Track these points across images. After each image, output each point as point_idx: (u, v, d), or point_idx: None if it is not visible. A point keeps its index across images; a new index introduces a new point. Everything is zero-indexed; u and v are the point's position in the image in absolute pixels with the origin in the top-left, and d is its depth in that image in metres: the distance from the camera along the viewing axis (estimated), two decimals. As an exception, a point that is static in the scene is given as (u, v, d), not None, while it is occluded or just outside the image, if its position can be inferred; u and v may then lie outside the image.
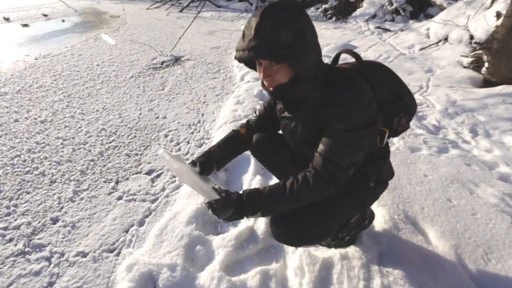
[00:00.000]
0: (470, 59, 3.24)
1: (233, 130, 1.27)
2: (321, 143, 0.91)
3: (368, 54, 4.20)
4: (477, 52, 3.18)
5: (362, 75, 0.96)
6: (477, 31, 3.35)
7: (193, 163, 1.13)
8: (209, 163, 1.15)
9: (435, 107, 2.56)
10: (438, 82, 3.01)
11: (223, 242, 1.33)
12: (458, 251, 1.25)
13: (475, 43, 3.27)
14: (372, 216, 1.33)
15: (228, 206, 0.91)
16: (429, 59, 3.70)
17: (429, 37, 4.39)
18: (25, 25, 7.01)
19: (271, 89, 0.92)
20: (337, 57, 1.08)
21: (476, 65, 3.16)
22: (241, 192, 0.95)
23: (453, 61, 3.44)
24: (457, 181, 1.66)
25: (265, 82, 0.91)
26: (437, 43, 4.05)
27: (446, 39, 3.97)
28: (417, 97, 2.79)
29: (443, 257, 1.23)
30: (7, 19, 7.83)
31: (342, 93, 0.88)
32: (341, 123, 0.88)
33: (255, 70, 0.96)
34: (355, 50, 4.42)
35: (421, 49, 4.10)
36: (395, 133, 1.06)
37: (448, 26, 3.91)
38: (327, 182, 0.89)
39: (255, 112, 1.29)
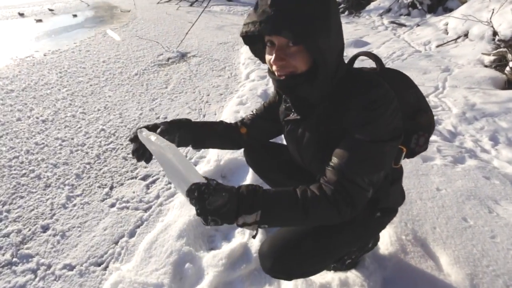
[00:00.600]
0: (492, 58, 3.00)
1: (235, 123, 1.12)
2: (335, 155, 0.74)
3: (380, 51, 3.98)
4: (500, 50, 2.94)
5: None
6: (502, 26, 3.09)
7: (168, 124, 0.93)
8: (187, 134, 0.97)
9: (451, 110, 2.37)
10: (456, 83, 2.80)
11: (213, 261, 1.24)
12: (474, 281, 1.12)
13: (499, 40, 3.02)
14: (377, 238, 1.21)
15: (222, 190, 0.65)
16: (447, 57, 3.46)
17: (447, 33, 4.12)
18: (39, 20, 7.10)
19: (282, 77, 0.74)
20: (352, 60, 0.95)
21: (499, 64, 2.92)
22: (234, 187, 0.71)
23: (473, 59, 3.20)
24: (474, 197, 1.50)
25: (275, 68, 0.73)
26: (456, 39, 3.79)
27: (466, 35, 3.70)
28: (432, 98, 2.60)
29: (456, 287, 1.10)
30: (21, 14, 7.96)
31: (366, 94, 0.73)
32: (362, 132, 0.72)
33: (261, 59, 0.82)
34: (367, 47, 4.24)
35: (438, 46, 3.85)
36: (412, 153, 0.91)
37: (468, 21, 3.64)
38: (345, 203, 0.71)
39: (252, 111, 1.13)
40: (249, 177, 1.75)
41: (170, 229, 1.42)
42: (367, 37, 4.72)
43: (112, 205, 1.67)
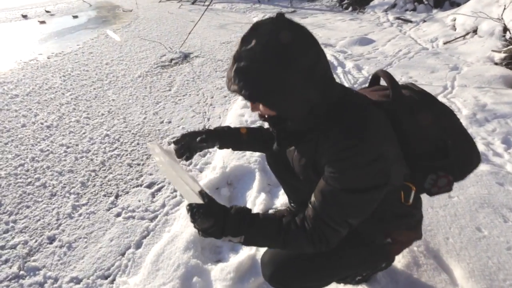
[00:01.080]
0: (503, 55, 2.92)
1: (260, 126, 1.21)
2: (315, 193, 0.76)
3: (386, 49, 3.91)
4: (511, 46, 2.86)
5: (392, 115, 0.78)
6: (513, 22, 3.00)
7: (200, 133, 1.07)
8: (216, 136, 1.08)
9: (461, 111, 2.32)
10: (465, 82, 2.73)
11: (221, 274, 1.22)
12: (490, 296, 1.08)
13: (510, 37, 2.94)
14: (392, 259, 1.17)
15: (209, 216, 0.73)
16: (455, 55, 3.38)
17: (455, 29, 4.02)
18: (42, 22, 7.09)
19: (262, 118, 0.79)
20: (372, 80, 0.91)
21: (510, 61, 2.84)
22: (231, 206, 0.80)
23: (482, 56, 3.12)
24: (488, 205, 1.46)
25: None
26: (464, 35, 3.70)
27: (475, 31, 3.61)
28: (441, 99, 2.54)
29: (471, 303, 1.07)
30: (24, 16, 7.97)
31: (338, 143, 0.71)
32: (333, 180, 0.72)
33: None
34: (372, 45, 4.16)
35: (445, 43, 3.76)
36: (428, 193, 0.83)
37: (477, 16, 3.55)
38: (319, 240, 0.75)
39: None
40: (256, 185, 1.73)
41: (177, 240, 1.41)
42: (372, 34, 4.64)
43: (118, 215, 1.66)
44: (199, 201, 0.74)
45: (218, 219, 0.73)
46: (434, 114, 0.81)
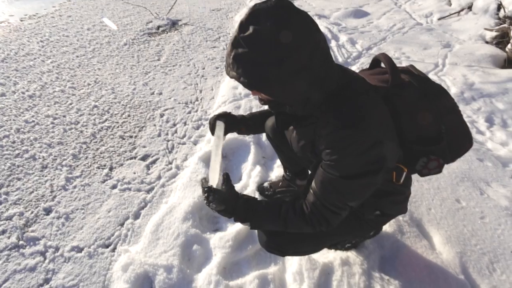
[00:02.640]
0: (494, 34, 2.95)
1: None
2: (315, 180, 0.81)
3: (381, 23, 3.84)
4: (503, 26, 2.88)
5: (389, 100, 0.80)
6: (508, 0, 3.00)
7: (223, 115, 1.11)
8: (237, 124, 1.14)
9: (450, 90, 2.38)
10: (456, 60, 2.77)
11: (220, 243, 1.29)
12: (463, 259, 1.21)
13: (504, 16, 2.95)
14: (379, 228, 1.26)
15: (222, 202, 0.85)
16: (448, 31, 3.39)
17: (450, 4, 3.98)
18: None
19: (262, 102, 0.83)
20: (373, 63, 0.92)
21: (501, 40, 2.88)
22: (241, 194, 0.90)
23: (475, 34, 3.14)
24: (468, 179, 1.57)
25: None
26: (459, 12, 3.68)
27: (470, 7, 3.59)
28: (432, 76, 2.58)
29: (447, 265, 1.20)
30: (-13, -30, 7.13)
31: (335, 132, 0.73)
32: (330, 168, 0.76)
33: None
34: (367, 18, 4.08)
35: (440, 19, 3.74)
36: (419, 174, 0.87)
37: (473, -8, 3.51)
38: (319, 223, 0.82)
39: None
40: (251, 158, 1.76)
41: (175, 211, 1.45)
42: (367, 6, 4.52)
43: (114, 187, 1.67)
44: (217, 182, 0.88)
45: (228, 207, 0.85)
46: (431, 100, 0.84)
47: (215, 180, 0.89)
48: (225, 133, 1.07)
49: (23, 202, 1.58)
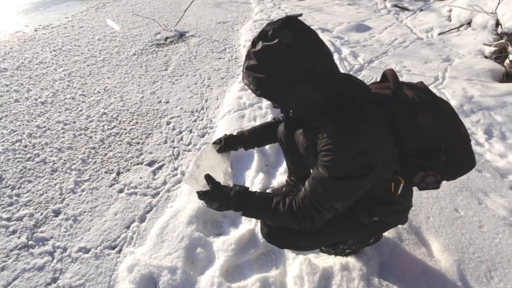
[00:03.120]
0: (493, 49, 3.02)
1: (274, 118, 1.35)
2: (308, 178, 0.88)
3: (382, 37, 3.95)
4: (501, 41, 2.96)
5: (390, 114, 0.84)
6: (505, 16, 3.08)
7: (219, 140, 1.23)
8: (235, 141, 1.25)
9: (449, 102, 2.43)
10: (456, 74, 2.84)
11: (223, 246, 1.32)
12: (461, 266, 1.23)
13: (502, 33, 3.03)
14: (379, 236, 1.29)
15: (214, 200, 0.96)
16: (448, 46, 3.47)
17: (450, 20, 4.09)
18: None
19: (272, 105, 0.92)
20: (382, 77, 0.98)
21: (499, 55, 2.95)
22: (230, 187, 0.98)
23: (474, 49, 3.22)
24: (466, 189, 1.60)
25: None
26: (458, 27, 3.78)
27: (469, 23, 3.69)
28: (432, 89, 2.62)
29: (445, 272, 1.22)
30: (4, -17, 7.46)
31: (332, 135, 0.81)
32: (323, 168, 0.82)
33: None
34: (369, 32, 4.19)
35: (440, 34, 3.83)
36: (417, 187, 0.90)
37: (472, 10, 3.62)
38: (304, 219, 0.88)
39: None
40: (254, 165, 1.81)
41: (180, 215, 1.49)
42: (369, 21, 4.65)
43: (121, 191, 1.72)
44: (204, 188, 1.00)
45: (221, 203, 0.95)
46: (432, 116, 0.86)
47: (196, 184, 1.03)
48: (223, 150, 1.21)
49: (33, 203, 1.63)
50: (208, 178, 0.99)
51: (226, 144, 1.21)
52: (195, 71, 3.23)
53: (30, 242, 1.42)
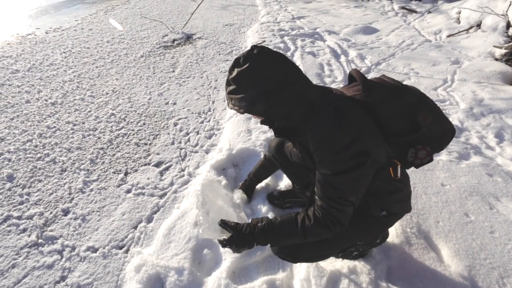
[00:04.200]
0: (503, 51, 2.98)
1: (264, 156, 1.53)
2: (316, 184, 0.92)
3: (390, 39, 3.93)
4: (512, 43, 2.91)
5: (367, 104, 0.92)
6: (516, 19, 3.04)
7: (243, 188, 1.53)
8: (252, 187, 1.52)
9: (459, 105, 2.40)
10: (465, 76, 2.80)
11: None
12: (472, 272, 1.21)
13: (512, 34, 2.99)
14: (385, 234, 1.28)
15: (240, 245, 0.98)
16: (457, 48, 3.43)
17: (459, 22, 4.04)
18: (35, -7, 6.82)
19: (260, 122, 0.99)
20: (351, 77, 1.05)
21: (510, 57, 2.91)
22: (251, 223, 1.00)
23: (484, 51, 3.18)
24: (477, 193, 1.58)
25: None
26: (468, 29, 3.73)
27: (479, 25, 3.64)
28: (440, 92, 2.62)
29: (455, 278, 1.19)
30: (16, -14, 7.63)
31: (315, 137, 0.87)
32: (322, 168, 0.87)
33: None
34: (376, 34, 4.17)
35: (449, 36, 3.80)
36: (413, 165, 0.97)
37: (482, 11, 3.57)
38: (333, 224, 0.90)
39: None
40: (260, 167, 1.80)
41: (186, 216, 1.50)
42: (376, 23, 4.63)
43: (128, 191, 1.74)
44: (224, 235, 1.00)
45: (250, 245, 0.97)
46: (404, 97, 0.94)
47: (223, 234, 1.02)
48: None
49: (43, 202, 1.65)
50: (225, 225, 1.01)
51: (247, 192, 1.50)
52: (202, 73, 3.25)
53: (39, 241, 1.44)
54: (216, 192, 1.19)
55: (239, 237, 0.97)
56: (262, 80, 0.86)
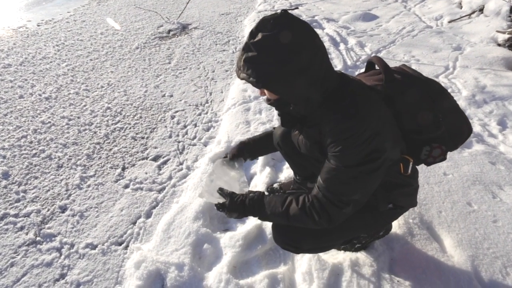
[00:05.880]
0: (506, 36, 2.91)
1: (273, 128, 1.36)
2: (321, 174, 0.86)
3: (390, 26, 3.84)
4: (516, 28, 2.84)
5: (387, 96, 0.86)
6: (519, 2, 2.96)
7: (226, 155, 1.27)
8: (241, 150, 1.25)
9: (461, 92, 2.36)
10: (467, 63, 2.74)
11: (231, 242, 1.31)
12: (475, 262, 1.20)
13: (516, 18, 2.91)
14: (389, 227, 1.26)
15: (232, 210, 0.99)
16: (459, 34, 3.35)
17: (461, 7, 3.94)
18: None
19: (269, 101, 0.90)
20: (369, 64, 0.98)
21: (513, 43, 2.84)
22: (245, 195, 0.99)
23: (486, 37, 3.10)
24: (480, 182, 1.55)
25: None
26: (470, 14, 3.64)
27: (481, 10, 3.55)
28: (442, 79, 2.56)
29: (459, 268, 1.18)
30: (5, -23, 7.41)
31: (337, 127, 0.80)
32: (335, 159, 0.82)
33: None
34: (376, 21, 4.08)
35: (450, 21, 3.71)
36: (425, 163, 0.93)
37: (485, -5, 3.48)
38: (320, 217, 0.85)
39: None
40: (260, 159, 1.78)
41: (186, 210, 1.47)
42: (376, 9, 4.51)
43: (126, 186, 1.71)
44: (221, 200, 1.02)
45: (239, 211, 0.98)
46: (423, 93, 0.88)
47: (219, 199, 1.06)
48: (235, 158, 1.25)
49: (40, 200, 1.63)
50: (221, 190, 1.03)
51: (234, 155, 1.24)
52: (198, 64, 3.18)
53: (38, 238, 1.42)
54: (226, 170, 1.20)
55: (231, 203, 0.98)
56: (292, 55, 0.74)
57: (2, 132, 2.12)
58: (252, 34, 0.77)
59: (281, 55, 0.74)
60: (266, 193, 1.54)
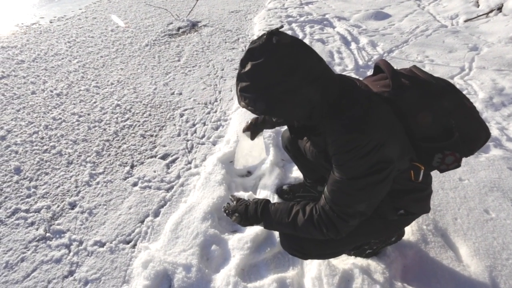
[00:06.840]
0: (526, 36, 2.80)
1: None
2: (327, 185, 0.85)
3: (403, 25, 3.74)
4: (536, 28, 2.73)
5: (394, 102, 0.83)
6: (541, 1, 2.84)
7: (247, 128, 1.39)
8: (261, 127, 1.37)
9: (477, 94, 2.28)
10: (484, 64, 2.65)
11: (239, 244, 1.29)
12: (493, 273, 1.15)
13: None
14: (401, 233, 1.22)
15: (233, 213, 1.00)
16: (475, 34, 3.25)
17: (478, 5, 3.82)
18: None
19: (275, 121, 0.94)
20: (377, 67, 0.94)
21: (533, 43, 2.73)
22: (251, 201, 0.99)
23: (505, 37, 3.00)
24: (498, 188, 1.50)
25: None
26: (487, 13, 3.53)
27: (499, 8, 3.43)
28: (457, 81, 2.49)
29: (475, 278, 1.14)
30: (20, -26, 7.53)
31: (339, 137, 0.78)
32: (338, 171, 0.80)
33: None
34: (388, 20, 3.99)
35: (466, 21, 3.60)
36: (439, 171, 0.89)
37: (504, -7, 3.36)
38: (327, 228, 0.83)
39: None
40: (269, 160, 1.75)
41: (194, 210, 1.46)
42: (389, 8, 4.42)
43: (135, 184, 1.71)
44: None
45: (242, 216, 0.98)
46: (420, 94, 0.84)
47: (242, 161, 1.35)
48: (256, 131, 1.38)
49: (50, 196, 1.64)
50: (232, 197, 1.07)
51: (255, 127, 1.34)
52: (208, 61, 3.17)
53: (47, 234, 1.43)
54: (248, 140, 1.40)
55: (237, 205, 1.01)
56: (281, 78, 0.74)
57: (15, 128, 2.15)
58: (243, 63, 0.78)
59: (273, 80, 0.74)
60: (275, 195, 1.53)
